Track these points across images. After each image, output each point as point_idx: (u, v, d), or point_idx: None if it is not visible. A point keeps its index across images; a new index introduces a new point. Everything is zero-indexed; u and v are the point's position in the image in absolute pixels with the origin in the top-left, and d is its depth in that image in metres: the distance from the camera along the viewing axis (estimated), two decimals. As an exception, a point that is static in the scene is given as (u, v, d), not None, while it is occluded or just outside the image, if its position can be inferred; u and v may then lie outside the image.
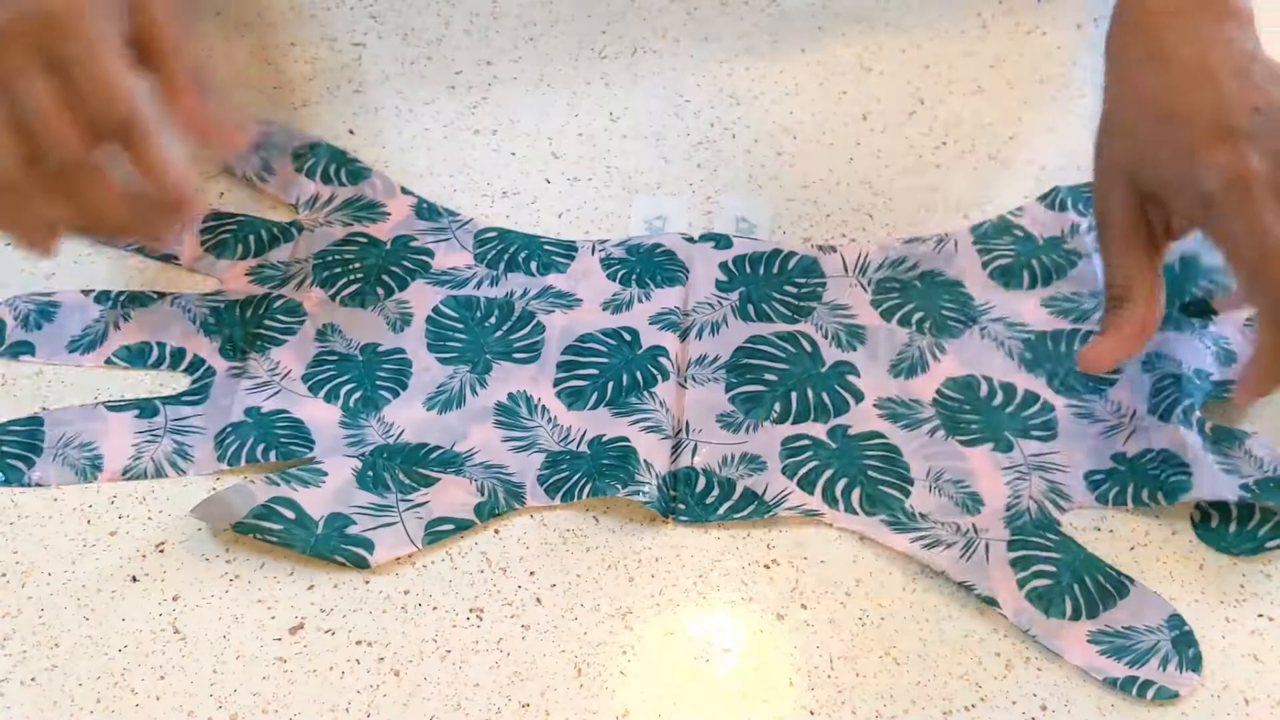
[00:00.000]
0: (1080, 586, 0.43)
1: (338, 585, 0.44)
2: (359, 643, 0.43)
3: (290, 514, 0.44)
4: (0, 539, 0.45)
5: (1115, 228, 0.45)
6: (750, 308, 0.49)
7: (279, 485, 0.45)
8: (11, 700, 0.41)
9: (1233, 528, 0.45)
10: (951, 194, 0.57)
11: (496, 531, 0.46)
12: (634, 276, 0.52)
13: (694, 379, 0.47)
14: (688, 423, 0.48)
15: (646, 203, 0.56)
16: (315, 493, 0.45)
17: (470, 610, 0.44)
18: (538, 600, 0.44)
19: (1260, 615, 0.44)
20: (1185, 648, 0.42)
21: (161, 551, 0.45)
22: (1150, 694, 0.41)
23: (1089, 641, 0.42)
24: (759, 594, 0.44)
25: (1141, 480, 0.46)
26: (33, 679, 0.42)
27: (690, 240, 0.53)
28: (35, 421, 0.48)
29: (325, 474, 0.45)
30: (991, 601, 0.43)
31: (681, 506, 0.46)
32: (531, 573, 0.45)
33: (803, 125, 0.60)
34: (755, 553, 0.45)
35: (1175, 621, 0.43)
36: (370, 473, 0.46)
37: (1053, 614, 0.43)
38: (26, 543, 0.45)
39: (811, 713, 0.42)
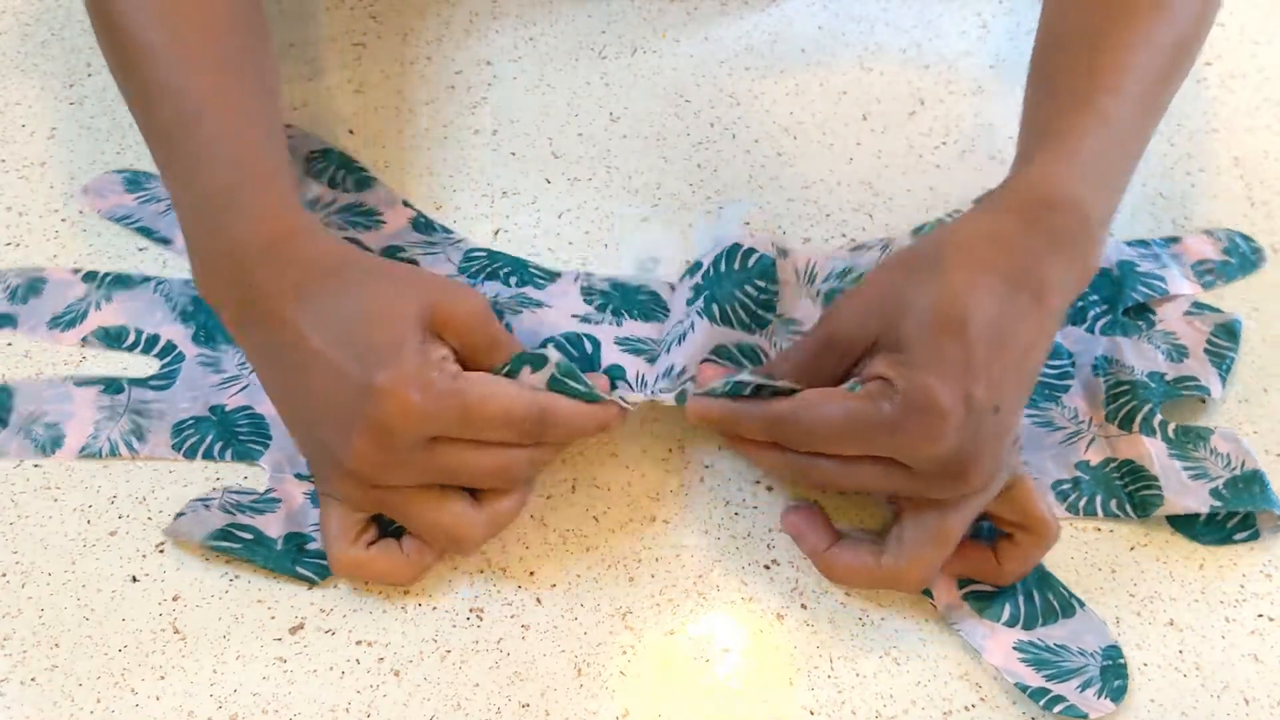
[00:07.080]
0: (1026, 600, 0.44)
1: (338, 585, 0.44)
2: (359, 643, 0.43)
3: (248, 535, 0.44)
4: (0, 539, 0.45)
5: (839, 343, 0.42)
6: (715, 308, 0.48)
7: (234, 514, 0.45)
8: (11, 700, 0.41)
9: (1202, 518, 0.46)
10: (951, 194, 0.57)
11: (496, 531, 0.46)
12: (610, 307, 0.51)
13: (661, 391, 0.46)
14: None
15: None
16: (271, 517, 0.45)
17: (470, 610, 0.44)
18: (538, 600, 0.44)
19: (1260, 615, 0.44)
20: (1112, 678, 0.42)
21: (161, 551, 0.45)
22: (1058, 709, 0.41)
23: (1014, 648, 0.42)
24: (759, 594, 0.44)
25: (1109, 491, 0.46)
26: (33, 679, 0.42)
27: (672, 287, 0.52)
28: (4, 392, 0.48)
29: (279, 501, 0.46)
30: (927, 591, 0.44)
31: None
32: (531, 573, 0.45)
33: (803, 125, 0.60)
34: (755, 553, 0.45)
35: (1111, 652, 0.43)
36: None
37: (987, 615, 0.43)
38: (26, 543, 0.45)
39: (811, 713, 0.41)
